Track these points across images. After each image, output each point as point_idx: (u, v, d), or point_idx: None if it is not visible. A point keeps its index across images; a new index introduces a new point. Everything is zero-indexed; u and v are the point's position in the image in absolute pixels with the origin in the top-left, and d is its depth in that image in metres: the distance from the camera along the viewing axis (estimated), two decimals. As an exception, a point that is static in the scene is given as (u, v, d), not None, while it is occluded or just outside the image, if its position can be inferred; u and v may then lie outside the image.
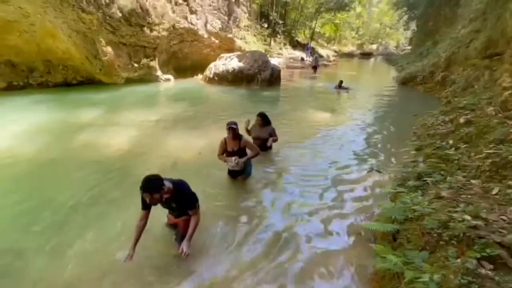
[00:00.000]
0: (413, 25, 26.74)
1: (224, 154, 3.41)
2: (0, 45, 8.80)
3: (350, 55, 37.00)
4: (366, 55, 37.73)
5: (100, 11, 8.86)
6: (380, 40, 48.43)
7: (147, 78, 11.44)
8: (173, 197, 2.23)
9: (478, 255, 1.70)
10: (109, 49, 9.51)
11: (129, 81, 10.75)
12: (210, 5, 14.11)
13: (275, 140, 4.29)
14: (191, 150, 4.66)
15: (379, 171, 3.10)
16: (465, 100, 5.62)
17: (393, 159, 4.22)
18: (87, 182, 3.64)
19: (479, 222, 1.97)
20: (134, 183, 3.62)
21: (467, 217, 2.04)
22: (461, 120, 4.50)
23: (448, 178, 2.92)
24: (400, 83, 12.37)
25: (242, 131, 3.65)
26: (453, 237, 1.95)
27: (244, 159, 3.31)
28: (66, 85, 10.20)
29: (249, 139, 3.93)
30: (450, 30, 12.41)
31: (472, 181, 2.78)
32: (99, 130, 5.68)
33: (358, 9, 39.02)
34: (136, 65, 10.76)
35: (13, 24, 8.45)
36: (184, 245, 2.15)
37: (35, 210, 3.06)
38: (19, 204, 3.18)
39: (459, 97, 6.62)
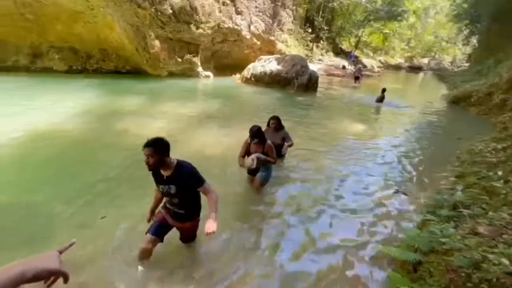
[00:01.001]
0: (474, 41, 24.33)
1: (246, 156, 3.23)
2: (68, 33, 9.93)
3: (397, 67, 34.85)
4: (415, 69, 35.20)
5: (154, 7, 9.51)
6: (433, 54, 44.91)
7: (188, 73, 12.00)
8: (174, 176, 2.01)
9: (512, 307, 1.47)
10: (157, 42, 10.17)
11: (171, 75, 11.39)
12: (256, 7, 14.35)
13: (290, 145, 4.03)
14: (218, 147, 4.75)
15: (405, 194, 2.82)
16: (526, 128, 4.95)
17: (426, 183, 3.84)
18: (118, 163, 3.91)
19: (520, 270, 1.71)
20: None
21: (505, 261, 1.78)
22: (517, 150, 3.96)
23: (490, 213, 2.58)
24: (450, 102, 11.32)
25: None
26: (484, 281, 1.71)
27: (264, 157, 3.11)
28: (116, 72, 11.14)
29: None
30: (518, 48, 11.04)
31: (520, 221, 2.42)
32: (137, 117, 6.09)
33: (412, 19, 36.66)
34: (179, 59, 11.36)
35: (79, 15, 9.47)
36: (211, 224, 1.87)
37: (69, 182, 3.36)
38: (56, 175, 3.54)
39: (519, 124, 5.86)
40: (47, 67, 10.11)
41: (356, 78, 15.78)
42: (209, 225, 1.86)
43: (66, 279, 0.73)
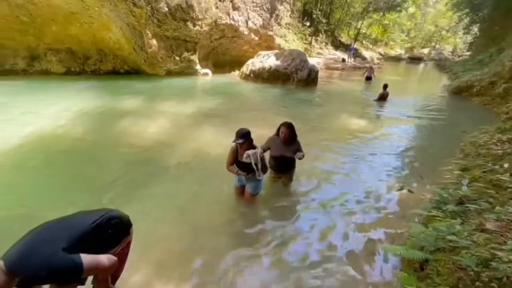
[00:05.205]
0: (475, 29, 23.98)
1: (235, 165, 2.86)
2: (64, 34, 9.83)
3: (397, 58, 34.58)
4: (415, 60, 34.91)
5: (149, 5, 9.40)
6: (433, 44, 44.44)
7: (187, 71, 11.90)
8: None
9: (524, 307, 1.43)
10: (154, 41, 10.07)
11: (169, 73, 11.29)
12: (253, 2, 14.16)
13: (302, 156, 3.07)
14: (216, 146, 4.69)
15: (410, 191, 2.79)
16: (531, 118, 4.87)
17: (431, 178, 3.78)
18: (118, 165, 3.88)
19: (531, 267, 1.66)
20: (160, 171, 3.81)
21: (515, 258, 1.74)
22: (523, 141, 3.90)
23: (497, 208, 2.53)
24: (451, 93, 11.21)
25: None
26: (494, 280, 1.67)
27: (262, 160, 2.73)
28: (115, 73, 11.07)
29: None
30: (521, 36, 10.87)
31: (528, 215, 2.37)
32: (137, 118, 6.04)
33: (411, 9, 36.23)
34: (177, 58, 11.26)
35: (75, 16, 9.36)
36: None
37: (69, 186, 3.35)
38: (57, 179, 3.51)
39: (523, 114, 5.77)
40: (45, 70, 10.05)
41: (368, 79, 13.78)
42: None
43: None
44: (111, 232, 1.60)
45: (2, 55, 9.43)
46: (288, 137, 3.07)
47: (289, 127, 3.08)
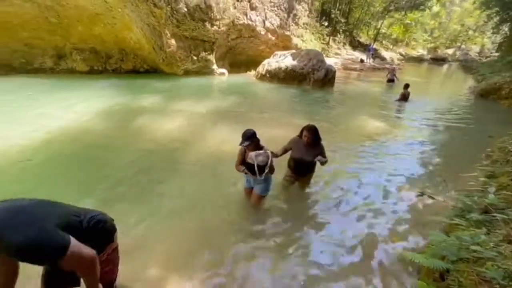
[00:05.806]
0: (505, 28, 22.63)
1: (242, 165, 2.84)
2: (88, 34, 10.26)
3: (418, 59, 33.30)
4: (439, 61, 33.47)
5: (169, 6, 9.60)
6: (458, 44, 42.40)
7: (204, 71, 12.06)
8: None
9: (557, 327, 1.32)
10: (172, 41, 10.28)
11: (187, 73, 11.50)
12: (271, 2, 14.12)
13: (324, 162, 3.00)
14: (229, 146, 4.68)
15: (432, 197, 2.66)
16: None
17: (453, 185, 3.61)
18: (134, 162, 3.99)
19: None
20: (176, 168, 3.88)
21: (548, 273, 1.62)
22: (557, 148, 3.63)
23: (527, 218, 2.37)
24: (477, 95, 10.65)
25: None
26: (523, 295, 1.56)
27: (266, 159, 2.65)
28: (135, 72, 11.42)
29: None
30: (557, 35, 10.14)
31: (562, 227, 2.20)
32: (154, 116, 6.19)
33: (436, 8, 34.76)
34: (195, 58, 11.43)
35: (99, 17, 9.75)
36: None
37: (87, 182, 3.45)
38: (75, 176, 3.61)
39: (558, 119, 5.38)
40: (71, 68, 10.53)
41: (391, 82, 13.00)
42: None
43: None
44: (97, 235, 1.51)
45: (32, 54, 9.98)
46: (310, 141, 2.98)
47: (311, 130, 2.98)
